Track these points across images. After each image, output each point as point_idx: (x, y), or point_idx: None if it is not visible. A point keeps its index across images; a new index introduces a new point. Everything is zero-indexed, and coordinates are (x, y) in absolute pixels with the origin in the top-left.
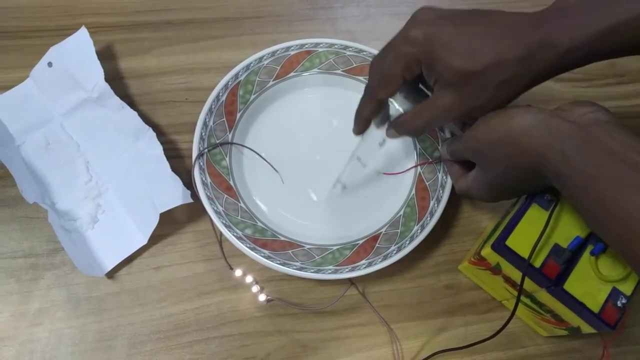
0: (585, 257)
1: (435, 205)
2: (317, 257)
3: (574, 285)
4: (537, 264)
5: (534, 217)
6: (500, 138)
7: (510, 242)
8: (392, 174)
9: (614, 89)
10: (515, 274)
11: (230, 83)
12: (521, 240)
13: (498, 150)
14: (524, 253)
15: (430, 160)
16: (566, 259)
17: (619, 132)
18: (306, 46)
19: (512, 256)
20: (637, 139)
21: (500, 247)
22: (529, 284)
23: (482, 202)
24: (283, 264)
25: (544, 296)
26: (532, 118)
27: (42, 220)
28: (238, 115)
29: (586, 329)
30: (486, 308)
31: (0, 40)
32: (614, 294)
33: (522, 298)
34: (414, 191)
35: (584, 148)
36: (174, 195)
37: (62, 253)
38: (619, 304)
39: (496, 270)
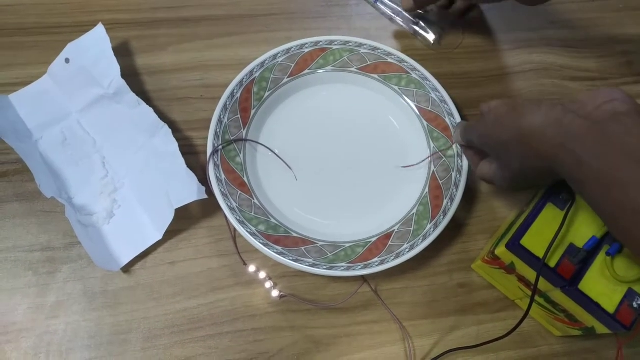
0: (601, 257)
1: (449, 204)
2: (329, 254)
3: (589, 285)
4: (552, 263)
5: (550, 217)
6: (512, 138)
7: (525, 242)
8: (407, 166)
9: (631, 88)
10: (530, 274)
11: (245, 80)
12: (536, 240)
13: (512, 149)
14: (539, 252)
15: (440, 151)
16: (581, 259)
17: (638, 126)
18: (320, 44)
19: (526, 255)
20: None
21: (515, 246)
22: (543, 284)
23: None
24: (296, 261)
25: (558, 296)
26: (543, 117)
27: (59, 215)
28: (252, 112)
29: (600, 329)
30: (499, 307)
31: (18, 36)
32: (630, 295)
33: (536, 297)
34: (427, 190)
35: (598, 148)
36: (189, 191)
37: (78, 247)
38: (634, 305)
39: (510, 269)
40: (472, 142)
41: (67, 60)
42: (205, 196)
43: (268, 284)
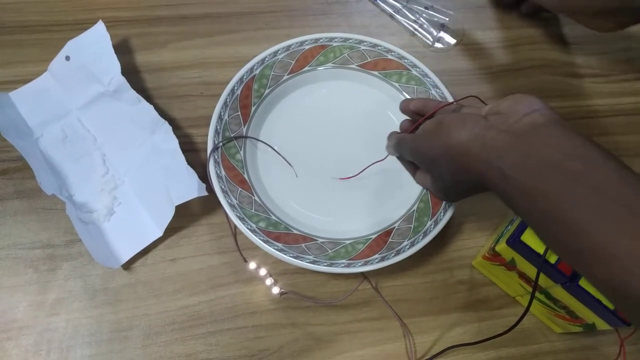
0: None
1: None
2: (330, 251)
3: None
4: (553, 259)
5: None
6: (441, 155)
7: (526, 238)
8: (347, 177)
9: (632, 85)
10: (530, 270)
11: (245, 77)
12: (536, 236)
13: (441, 165)
14: (540, 249)
15: (382, 160)
16: None
17: (558, 136)
18: (321, 40)
19: (527, 252)
20: (578, 142)
21: (516, 242)
22: (543, 280)
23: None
24: (296, 257)
25: (559, 292)
26: (467, 134)
27: (59, 212)
28: (253, 109)
29: (601, 325)
30: (499, 304)
31: (19, 34)
32: None
33: (537, 294)
34: None
35: (521, 163)
36: (190, 188)
37: (79, 244)
38: None
39: (510, 265)
40: (404, 156)
41: (67, 58)
42: (206, 193)
43: (268, 281)
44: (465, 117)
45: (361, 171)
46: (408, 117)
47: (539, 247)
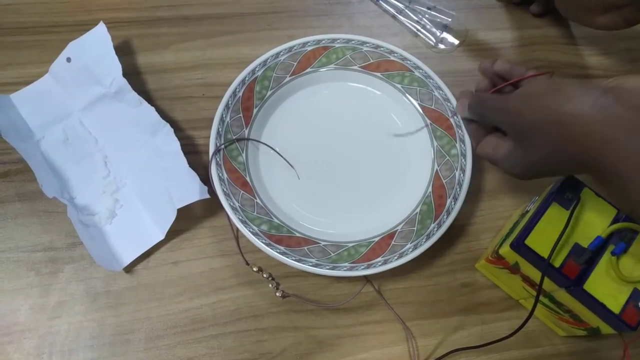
0: (606, 257)
1: (452, 203)
2: (332, 254)
3: (594, 285)
4: (557, 263)
5: (554, 216)
6: (551, 120)
7: (530, 241)
8: (402, 135)
9: None
10: (534, 274)
11: (247, 79)
12: (541, 240)
13: (545, 132)
14: (544, 252)
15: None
16: (586, 259)
17: None
18: (323, 42)
19: (531, 255)
20: None
21: (520, 246)
22: (548, 284)
23: (510, 176)
24: (299, 261)
25: (563, 296)
26: (591, 104)
27: (61, 215)
28: (255, 110)
29: (606, 329)
30: (503, 307)
31: (20, 35)
32: (635, 295)
33: (541, 297)
34: (430, 189)
35: None
36: (191, 190)
37: (80, 247)
38: None
39: (514, 269)
40: (488, 117)
41: (68, 59)
42: (208, 196)
43: (271, 284)
44: (588, 85)
45: (416, 131)
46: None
47: (543, 250)
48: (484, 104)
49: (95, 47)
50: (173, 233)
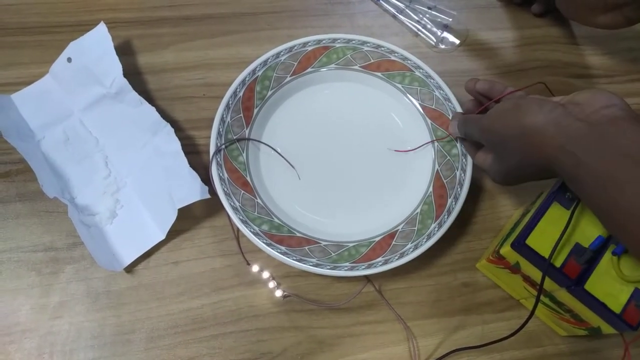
0: (607, 257)
1: (453, 203)
2: (333, 254)
3: (595, 285)
4: (558, 263)
5: (555, 216)
6: (513, 134)
7: (531, 241)
8: (404, 150)
9: (635, 85)
10: (535, 273)
11: (247, 79)
12: (542, 239)
13: (512, 145)
14: (545, 252)
15: (437, 140)
16: (587, 259)
17: (635, 130)
18: (323, 42)
19: (532, 255)
20: None
21: (520, 246)
22: (548, 284)
23: (498, 184)
24: (299, 260)
25: (564, 296)
26: (545, 116)
27: (62, 215)
28: (255, 111)
29: (606, 329)
30: (504, 307)
31: (20, 36)
32: (636, 294)
33: (542, 297)
34: (431, 189)
35: (596, 150)
36: (192, 190)
37: (81, 247)
38: None
39: (515, 269)
40: (471, 135)
41: (69, 60)
42: (208, 196)
43: (271, 284)
44: (542, 101)
45: (419, 147)
46: (470, 99)
47: (544, 250)
48: (466, 124)
49: (95, 47)
50: (174, 233)
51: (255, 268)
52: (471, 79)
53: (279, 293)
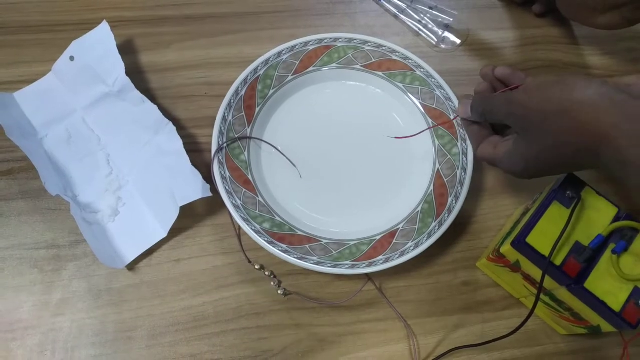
0: (607, 255)
1: (454, 202)
2: (334, 252)
3: (595, 283)
4: (558, 262)
5: (555, 215)
6: (558, 110)
7: (531, 240)
8: (404, 137)
9: None
10: (535, 272)
11: (249, 78)
12: (542, 238)
13: (552, 122)
14: (545, 251)
15: (435, 125)
16: (587, 258)
17: None
18: (325, 41)
19: (532, 254)
20: None
21: (521, 244)
22: (548, 282)
23: (511, 175)
24: (300, 258)
25: (563, 294)
26: (596, 90)
27: (64, 213)
28: (257, 109)
29: (606, 328)
30: (504, 305)
31: (23, 34)
32: (636, 293)
33: (541, 296)
34: (432, 187)
35: None
36: (194, 189)
37: (83, 245)
38: None
39: (515, 267)
40: (492, 113)
41: (71, 58)
42: (210, 194)
43: (273, 282)
44: (590, 77)
45: (419, 133)
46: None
47: (544, 249)
48: (487, 102)
49: (98, 45)
50: (175, 231)
51: (256, 266)
52: (487, 65)
53: (280, 291)
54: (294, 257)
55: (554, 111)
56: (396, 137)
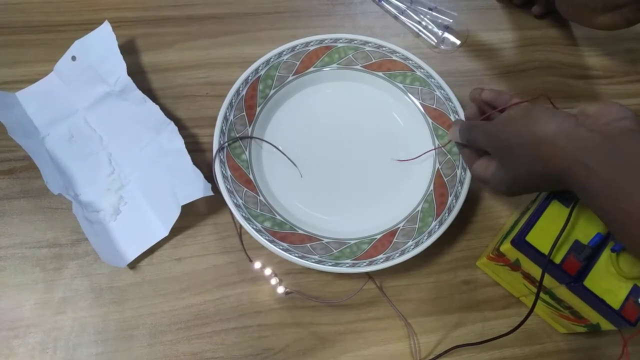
0: (606, 253)
1: (454, 201)
2: (335, 251)
3: (594, 281)
4: (557, 260)
5: (555, 214)
6: (524, 142)
7: (531, 238)
8: (406, 160)
9: (636, 86)
10: (535, 270)
11: (250, 78)
12: (541, 236)
13: (521, 153)
14: (544, 249)
15: (442, 146)
16: (587, 256)
17: None
18: (326, 41)
19: (532, 252)
20: None
21: (521, 242)
22: (548, 280)
23: (499, 194)
24: (301, 257)
25: (563, 292)
26: (556, 126)
27: (66, 211)
28: (258, 109)
29: (606, 326)
30: (504, 304)
31: (25, 34)
32: (635, 291)
33: (541, 294)
34: (432, 187)
35: (610, 162)
36: (195, 188)
37: (85, 243)
38: (639, 301)
39: (515, 266)
40: (475, 141)
41: (73, 58)
42: (211, 193)
43: (274, 281)
44: (554, 111)
45: (419, 155)
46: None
47: (543, 247)
48: (472, 130)
49: (100, 46)
50: (177, 230)
51: (257, 265)
52: (476, 88)
53: (281, 290)
54: (295, 256)
55: (520, 144)
56: (398, 160)
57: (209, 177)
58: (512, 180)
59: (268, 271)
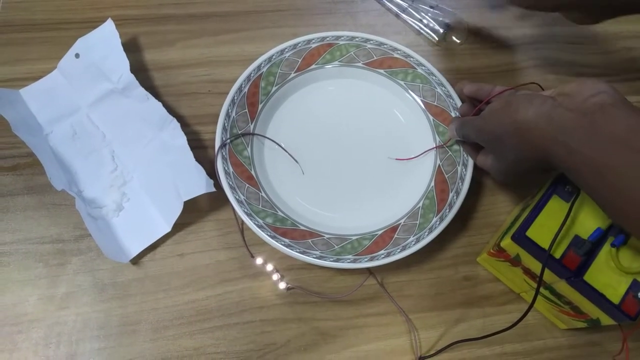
0: (606, 248)
1: (454, 197)
2: (336, 247)
3: (594, 276)
4: (558, 255)
5: (555, 209)
6: (507, 131)
7: (531, 233)
8: (406, 159)
9: (634, 84)
10: (535, 265)
11: (252, 75)
12: (542, 232)
13: (507, 142)
14: (545, 244)
15: (444, 144)
16: (587, 251)
17: (625, 115)
18: (327, 39)
19: (532, 247)
20: None
21: (521, 237)
22: (548, 275)
23: (502, 184)
24: (303, 253)
25: (563, 287)
26: (535, 110)
27: (69, 207)
28: (260, 106)
29: (606, 321)
30: (504, 300)
31: (29, 32)
32: (635, 285)
33: (541, 290)
34: (433, 183)
35: (589, 138)
36: (198, 184)
37: (88, 239)
38: (639, 295)
39: (515, 261)
40: (468, 137)
41: (76, 56)
42: (214, 189)
43: (275, 276)
44: (532, 96)
45: (420, 155)
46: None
47: (544, 242)
48: (463, 127)
49: (103, 43)
50: (179, 226)
51: (259, 260)
52: (459, 82)
53: (282, 285)
54: (297, 252)
55: (505, 133)
56: (397, 159)
57: (211, 173)
58: (505, 168)
59: (270, 267)
